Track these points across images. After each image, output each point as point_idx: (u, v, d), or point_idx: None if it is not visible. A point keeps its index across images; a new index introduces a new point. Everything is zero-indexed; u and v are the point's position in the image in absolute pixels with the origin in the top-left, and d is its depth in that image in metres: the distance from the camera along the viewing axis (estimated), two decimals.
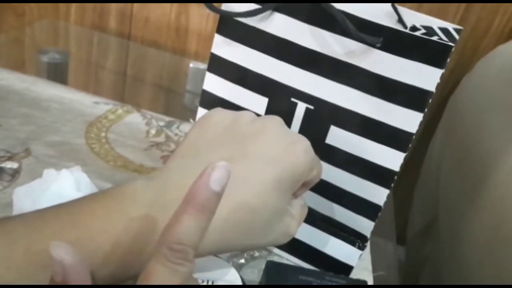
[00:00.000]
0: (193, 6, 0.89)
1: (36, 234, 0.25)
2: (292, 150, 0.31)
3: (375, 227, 0.38)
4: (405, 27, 0.33)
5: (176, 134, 0.59)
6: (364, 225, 0.38)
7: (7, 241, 0.25)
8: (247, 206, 0.29)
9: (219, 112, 0.33)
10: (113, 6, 0.92)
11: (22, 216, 0.27)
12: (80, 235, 0.26)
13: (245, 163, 0.29)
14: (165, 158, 0.54)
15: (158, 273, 0.21)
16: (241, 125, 0.31)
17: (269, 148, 0.30)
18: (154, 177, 0.29)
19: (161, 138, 0.58)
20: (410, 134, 0.34)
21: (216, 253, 0.30)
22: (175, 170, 0.30)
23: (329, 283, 0.35)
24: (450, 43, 0.32)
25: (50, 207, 0.27)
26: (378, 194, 0.37)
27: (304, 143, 0.32)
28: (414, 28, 0.33)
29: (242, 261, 0.42)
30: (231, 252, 0.31)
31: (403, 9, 0.33)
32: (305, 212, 0.35)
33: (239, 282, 0.34)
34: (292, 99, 0.37)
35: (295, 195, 0.33)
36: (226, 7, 0.38)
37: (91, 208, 0.27)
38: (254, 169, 0.29)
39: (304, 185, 0.33)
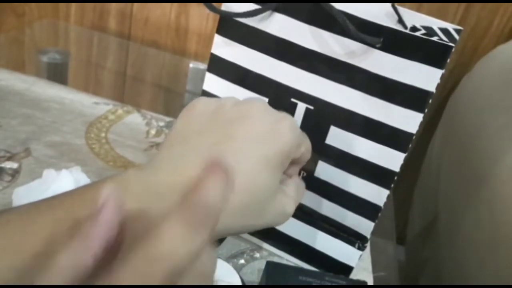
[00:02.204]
0: (193, 6, 0.89)
1: (31, 226, 0.26)
2: (278, 128, 0.31)
3: (375, 227, 0.38)
4: (405, 27, 0.33)
5: None
6: (364, 226, 0.38)
7: (1, 233, 0.25)
8: (238, 186, 0.29)
9: (203, 100, 0.33)
10: (113, 6, 0.92)
11: (17, 209, 0.27)
12: (74, 226, 0.26)
13: (233, 145, 0.30)
14: None
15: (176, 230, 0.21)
16: (225, 110, 0.32)
17: (255, 129, 0.31)
18: (145, 167, 0.30)
19: (161, 139, 0.58)
20: (410, 134, 0.34)
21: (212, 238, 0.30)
22: (165, 158, 0.30)
23: (329, 284, 0.35)
24: (450, 44, 0.32)
25: (45, 199, 0.28)
26: (378, 195, 0.37)
27: (289, 121, 0.32)
28: (414, 29, 0.33)
29: (242, 261, 0.42)
30: (228, 235, 0.31)
31: (403, 10, 0.33)
32: (302, 190, 0.35)
33: (239, 283, 0.34)
34: (292, 100, 0.37)
35: (288, 174, 0.34)
36: (226, 7, 0.38)
37: (83, 198, 0.27)
38: (242, 150, 0.30)
39: (294, 163, 0.33)
